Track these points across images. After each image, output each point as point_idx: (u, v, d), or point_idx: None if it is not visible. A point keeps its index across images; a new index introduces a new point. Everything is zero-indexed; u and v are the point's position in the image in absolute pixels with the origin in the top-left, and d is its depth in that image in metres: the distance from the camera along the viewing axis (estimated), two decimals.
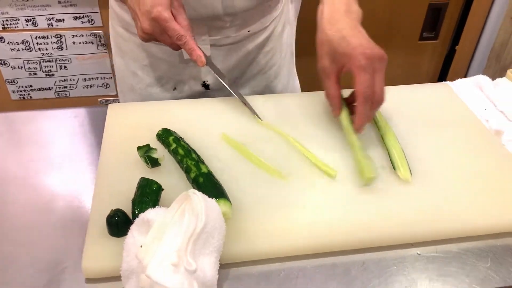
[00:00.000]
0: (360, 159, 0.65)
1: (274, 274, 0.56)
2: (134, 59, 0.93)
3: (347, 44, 0.66)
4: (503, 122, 0.80)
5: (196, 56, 0.71)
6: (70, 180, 0.68)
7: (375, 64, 0.64)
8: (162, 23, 0.67)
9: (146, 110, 0.78)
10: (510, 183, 0.66)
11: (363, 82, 0.64)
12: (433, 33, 1.76)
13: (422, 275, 0.56)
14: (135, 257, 0.51)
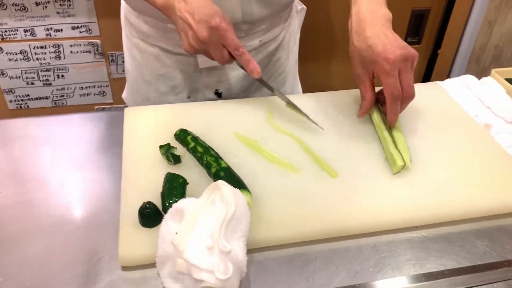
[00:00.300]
0: (392, 151, 0.72)
1: (295, 257, 0.61)
2: (150, 69, 0.97)
3: (372, 52, 0.72)
4: (490, 116, 0.87)
5: (253, 67, 0.75)
6: (91, 180, 0.72)
7: (399, 65, 0.71)
8: (222, 32, 0.70)
9: (160, 113, 0.83)
10: (501, 171, 0.72)
11: (388, 84, 0.71)
12: (417, 38, 1.85)
13: (427, 253, 0.62)
14: (170, 243, 0.55)
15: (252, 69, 0.76)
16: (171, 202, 0.60)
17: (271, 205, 0.65)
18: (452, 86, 0.95)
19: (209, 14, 0.70)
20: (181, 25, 0.73)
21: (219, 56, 0.74)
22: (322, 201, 0.66)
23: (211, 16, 0.70)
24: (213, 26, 0.70)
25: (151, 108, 0.84)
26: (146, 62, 0.96)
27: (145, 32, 0.92)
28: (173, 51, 0.92)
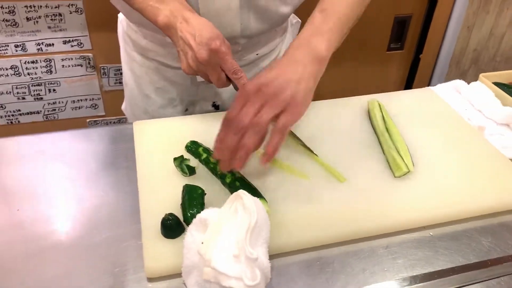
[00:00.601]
0: (395, 156, 0.76)
1: (313, 261, 0.63)
2: (149, 82, 0.98)
3: (257, 75, 0.66)
4: (482, 119, 0.92)
5: None
6: (103, 195, 0.73)
7: (251, 97, 0.64)
8: (221, 55, 0.71)
9: (169, 125, 0.84)
10: (498, 171, 0.77)
11: (231, 106, 0.65)
12: (399, 43, 1.91)
13: (436, 252, 0.65)
14: (196, 253, 0.57)
15: None
16: (192, 213, 0.62)
17: (286, 212, 0.67)
18: (444, 91, 0.99)
19: (210, 37, 0.71)
20: (181, 45, 0.74)
21: (216, 78, 0.75)
22: (334, 206, 0.69)
23: (212, 39, 0.71)
24: (213, 48, 0.71)
25: (159, 121, 0.86)
26: (144, 76, 0.98)
27: (144, 46, 0.94)
28: (171, 65, 0.94)
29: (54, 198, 0.71)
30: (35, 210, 0.69)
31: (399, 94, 0.97)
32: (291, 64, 0.67)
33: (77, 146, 0.82)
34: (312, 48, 0.69)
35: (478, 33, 1.88)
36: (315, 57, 0.68)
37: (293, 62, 0.67)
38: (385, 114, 0.86)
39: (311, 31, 0.70)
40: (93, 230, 0.66)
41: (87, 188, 0.73)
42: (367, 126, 0.87)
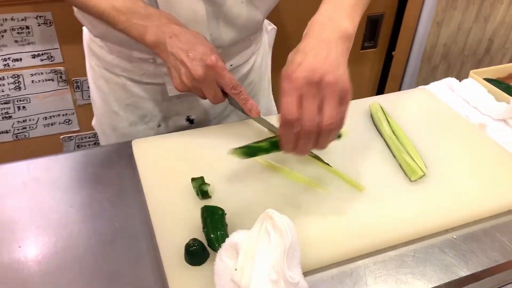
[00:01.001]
0: (408, 160, 0.75)
1: (345, 276, 0.61)
2: (116, 99, 0.93)
3: (292, 60, 0.60)
4: (480, 116, 0.93)
5: (251, 106, 0.73)
6: (106, 222, 0.68)
7: (300, 87, 0.57)
8: (218, 70, 0.68)
9: (169, 142, 0.80)
10: (507, 167, 0.77)
11: (283, 103, 0.58)
12: (373, 42, 1.93)
13: (463, 254, 0.65)
14: (229, 281, 0.54)
15: (250, 108, 0.73)
16: (217, 236, 0.59)
17: (311, 226, 0.65)
18: (437, 90, 1.00)
19: (204, 52, 0.68)
20: (172, 61, 0.70)
21: (212, 94, 0.72)
22: (358, 217, 0.67)
23: (207, 54, 0.68)
24: (209, 64, 0.68)
25: (158, 138, 0.82)
26: (112, 93, 0.93)
27: (110, 61, 0.89)
28: (140, 80, 0.90)
29: (58, 228, 0.66)
30: (40, 244, 0.64)
31: (395, 96, 0.97)
32: (323, 47, 0.59)
33: (69, 171, 0.77)
34: (338, 26, 0.62)
35: (447, 29, 1.92)
36: (343, 35, 0.62)
37: (324, 43, 0.60)
38: (388, 117, 0.86)
39: (333, 6, 0.64)
40: (109, 261, 0.62)
41: (83, 218, 0.68)
42: (372, 130, 0.86)
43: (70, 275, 0.60)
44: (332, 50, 0.60)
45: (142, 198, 0.71)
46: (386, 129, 0.83)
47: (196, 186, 0.67)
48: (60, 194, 0.72)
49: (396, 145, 0.79)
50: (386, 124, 0.84)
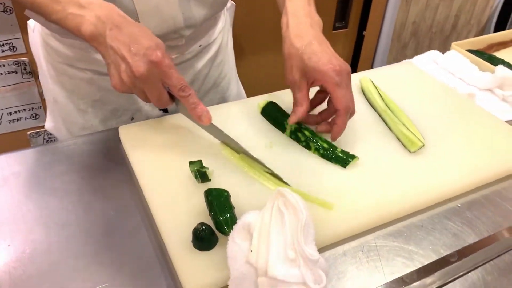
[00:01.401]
0: (406, 132, 0.74)
1: (357, 250, 0.60)
2: (83, 96, 0.87)
3: (318, 59, 0.66)
4: (465, 87, 0.93)
5: (201, 112, 0.64)
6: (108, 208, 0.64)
7: (345, 79, 0.67)
8: (164, 68, 0.60)
9: (156, 126, 0.76)
10: (500, 134, 0.78)
11: (342, 97, 0.67)
12: (343, 22, 1.93)
13: (469, 221, 0.65)
14: (244, 263, 0.51)
15: (199, 114, 0.64)
16: (226, 218, 0.56)
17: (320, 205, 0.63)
18: (421, 63, 1.00)
19: (149, 46, 0.59)
20: (111, 56, 0.61)
21: (156, 97, 0.63)
22: (364, 192, 0.66)
23: (152, 48, 0.59)
24: (153, 60, 0.59)
25: (144, 124, 0.77)
26: (77, 89, 0.86)
27: (71, 56, 0.82)
28: (107, 72, 0.82)
29: (48, 225, 0.61)
30: (30, 242, 0.59)
31: (382, 70, 0.96)
32: (322, 42, 0.69)
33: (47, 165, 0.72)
34: (317, 21, 0.73)
35: (415, 7, 1.94)
36: (320, 29, 0.73)
37: (321, 39, 0.70)
38: (380, 90, 0.85)
39: (307, 3, 0.73)
40: (110, 255, 0.58)
41: (81, 210, 0.64)
42: (364, 104, 0.85)
43: (68, 270, 0.55)
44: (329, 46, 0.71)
45: (135, 186, 0.67)
46: (379, 102, 0.82)
47: (194, 170, 0.64)
48: (45, 187, 0.67)
49: (391, 117, 0.78)
50: (379, 98, 0.83)
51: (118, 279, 0.55)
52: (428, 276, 0.56)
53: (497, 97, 0.90)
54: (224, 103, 0.84)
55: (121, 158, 0.72)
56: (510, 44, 1.11)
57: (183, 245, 0.56)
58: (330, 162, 0.70)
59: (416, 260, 0.59)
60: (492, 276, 0.58)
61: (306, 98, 0.70)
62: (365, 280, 0.56)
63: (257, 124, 0.78)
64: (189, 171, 0.66)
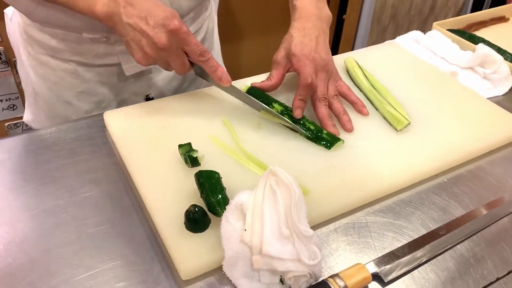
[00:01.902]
0: (392, 111, 0.75)
1: (348, 226, 0.61)
2: (67, 87, 0.85)
3: (301, 48, 0.72)
4: (447, 66, 0.95)
5: (221, 74, 0.68)
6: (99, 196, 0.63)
7: (314, 66, 0.72)
8: (183, 35, 0.62)
9: (142, 111, 0.75)
10: (482, 110, 0.79)
11: (306, 74, 0.71)
12: None
13: (456, 196, 0.66)
14: (239, 242, 0.52)
15: (220, 76, 0.69)
16: (218, 199, 0.56)
17: (310, 183, 0.63)
18: (404, 43, 1.01)
19: (166, 17, 0.62)
20: (130, 33, 0.64)
21: (180, 64, 0.67)
22: (352, 169, 0.66)
23: (168, 18, 0.62)
24: (172, 29, 0.62)
25: (130, 108, 0.76)
26: (60, 81, 0.84)
27: (55, 47, 0.80)
28: (92, 63, 0.82)
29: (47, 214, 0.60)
30: (19, 230, 0.58)
31: (366, 51, 0.97)
32: (318, 36, 0.74)
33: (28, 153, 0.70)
34: (326, 14, 0.78)
35: None
36: (329, 21, 0.78)
37: (321, 30, 0.75)
38: (365, 71, 0.85)
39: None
40: (98, 240, 0.57)
41: (67, 196, 0.63)
42: (349, 84, 0.85)
43: (59, 257, 0.55)
44: (326, 38, 0.77)
45: (123, 171, 0.66)
46: (364, 82, 0.82)
47: (183, 153, 0.63)
48: (30, 175, 0.65)
49: (377, 97, 0.79)
50: (364, 78, 0.83)
51: (110, 264, 0.54)
52: (418, 250, 0.57)
53: (479, 75, 0.91)
54: (211, 87, 0.83)
55: (107, 144, 0.71)
56: (490, 23, 1.12)
57: (176, 228, 0.56)
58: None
59: (406, 235, 0.60)
60: (480, 247, 0.59)
61: (279, 77, 0.76)
62: (357, 255, 0.57)
63: (245, 106, 0.77)
64: (178, 155, 0.65)
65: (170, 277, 0.53)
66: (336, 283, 0.51)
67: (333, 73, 0.77)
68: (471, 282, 0.55)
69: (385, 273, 0.54)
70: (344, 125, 0.73)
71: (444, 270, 0.56)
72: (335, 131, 0.71)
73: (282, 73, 0.76)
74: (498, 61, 0.89)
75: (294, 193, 0.52)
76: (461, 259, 0.58)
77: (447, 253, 0.58)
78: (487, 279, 0.55)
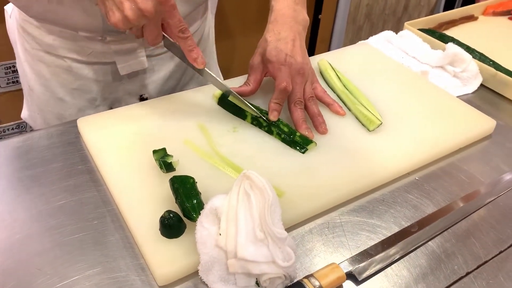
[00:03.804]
0: (364, 112, 0.76)
1: (323, 227, 0.62)
2: (61, 84, 0.85)
3: (276, 54, 0.73)
4: (419, 65, 0.97)
5: (197, 55, 0.67)
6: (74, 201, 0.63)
7: (289, 70, 0.73)
8: (169, 8, 0.61)
9: (116, 117, 0.75)
10: (452, 109, 0.81)
11: (281, 78, 0.72)
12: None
13: (428, 193, 0.68)
14: (214, 247, 0.52)
15: (195, 57, 0.67)
16: (193, 204, 0.56)
17: (285, 186, 0.64)
18: (377, 43, 1.03)
19: None
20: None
21: (154, 35, 0.64)
22: (325, 170, 0.67)
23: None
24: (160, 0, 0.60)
25: (104, 115, 0.76)
26: (55, 77, 0.85)
27: (51, 43, 0.80)
28: (87, 60, 0.82)
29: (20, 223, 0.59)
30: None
31: (339, 52, 0.98)
32: (294, 41, 0.75)
33: None
34: (302, 17, 0.78)
35: None
36: (306, 25, 0.79)
37: (296, 34, 0.76)
38: (338, 72, 0.86)
39: (292, 1, 0.77)
40: (72, 248, 0.57)
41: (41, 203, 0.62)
42: (323, 86, 0.86)
43: (34, 267, 0.54)
44: (302, 41, 0.77)
45: (98, 178, 0.66)
46: (337, 84, 0.83)
47: (158, 159, 0.63)
48: (1, 185, 0.64)
49: (349, 98, 0.80)
50: (337, 79, 0.84)
51: (86, 273, 0.54)
52: (391, 247, 0.58)
53: (449, 73, 0.94)
54: (187, 91, 0.83)
55: (81, 150, 0.71)
56: (459, 22, 1.15)
57: (151, 234, 0.56)
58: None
59: (380, 233, 0.61)
60: (450, 243, 0.61)
61: (256, 82, 0.77)
62: (332, 255, 0.58)
63: (221, 110, 0.78)
64: (153, 160, 0.65)
65: (147, 284, 0.53)
66: (311, 283, 0.52)
67: (309, 75, 0.78)
68: (442, 278, 0.56)
69: (358, 271, 0.55)
70: (317, 127, 0.74)
71: (416, 267, 0.57)
72: (309, 134, 0.72)
73: (259, 79, 0.77)
74: (467, 59, 0.91)
75: (267, 196, 0.53)
76: (433, 255, 0.59)
77: (419, 250, 0.60)
78: (458, 273, 0.57)
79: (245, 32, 1.71)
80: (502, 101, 0.91)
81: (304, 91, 0.76)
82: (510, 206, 0.67)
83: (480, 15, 1.21)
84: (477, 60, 0.94)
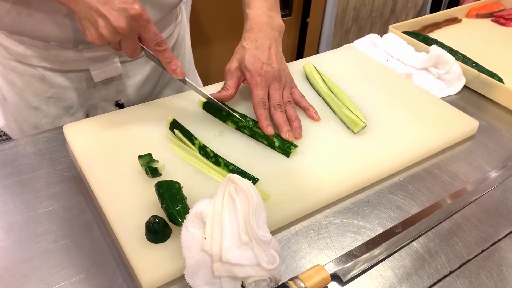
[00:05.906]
0: (349, 114, 0.77)
1: (308, 229, 0.62)
2: (35, 93, 0.84)
3: (253, 62, 0.75)
4: (403, 67, 0.98)
5: (176, 66, 0.68)
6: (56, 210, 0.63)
7: (266, 80, 0.75)
8: (143, 22, 0.62)
9: (102, 123, 0.75)
10: (436, 111, 0.83)
11: (256, 95, 0.74)
12: (287, 10, 1.95)
13: (411, 194, 0.69)
14: (199, 251, 0.52)
15: (174, 69, 0.69)
16: (179, 209, 0.57)
17: (271, 189, 0.64)
18: (362, 46, 1.04)
19: (126, 1, 0.61)
20: (85, 12, 0.62)
21: (132, 49, 0.66)
22: (310, 172, 0.68)
23: (130, 2, 0.61)
24: (133, 14, 0.61)
25: (90, 121, 0.76)
26: (29, 86, 0.84)
27: (22, 53, 0.79)
28: (60, 69, 0.82)
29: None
30: None
31: (325, 55, 0.99)
32: (271, 47, 0.77)
33: None
34: (277, 23, 0.81)
35: None
36: (281, 31, 0.81)
37: (272, 41, 0.78)
38: (323, 75, 0.87)
39: (265, 3, 0.79)
40: (59, 253, 0.57)
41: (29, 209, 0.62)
42: (309, 89, 0.87)
43: (20, 274, 0.54)
44: (279, 47, 0.79)
45: (84, 185, 0.66)
46: (322, 87, 0.84)
47: (144, 164, 0.64)
48: None
49: (334, 101, 0.81)
50: (322, 83, 0.85)
51: (73, 279, 0.54)
52: (376, 248, 0.59)
53: (433, 75, 0.95)
54: (172, 95, 0.84)
55: (67, 157, 0.71)
56: (443, 24, 1.17)
57: (137, 239, 0.56)
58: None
59: (364, 234, 0.62)
60: (434, 243, 0.62)
61: (234, 86, 0.77)
62: (317, 256, 0.58)
63: (207, 115, 0.78)
64: (138, 166, 0.66)
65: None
66: (296, 285, 0.52)
67: (287, 81, 0.79)
68: (425, 277, 0.57)
69: (343, 272, 0.56)
70: (293, 131, 0.74)
71: (401, 267, 0.58)
72: (290, 136, 0.72)
73: (237, 83, 0.78)
74: (450, 61, 0.93)
75: (252, 199, 0.53)
76: (416, 255, 0.60)
77: (403, 250, 0.60)
78: (441, 273, 0.58)
79: (222, 38, 1.72)
80: (485, 102, 0.92)
81: (283, 95, 0.77)
82: (492, 206, 0.68)
83: (464, 18, 1.23)
84: (460, 62, 0.96)
